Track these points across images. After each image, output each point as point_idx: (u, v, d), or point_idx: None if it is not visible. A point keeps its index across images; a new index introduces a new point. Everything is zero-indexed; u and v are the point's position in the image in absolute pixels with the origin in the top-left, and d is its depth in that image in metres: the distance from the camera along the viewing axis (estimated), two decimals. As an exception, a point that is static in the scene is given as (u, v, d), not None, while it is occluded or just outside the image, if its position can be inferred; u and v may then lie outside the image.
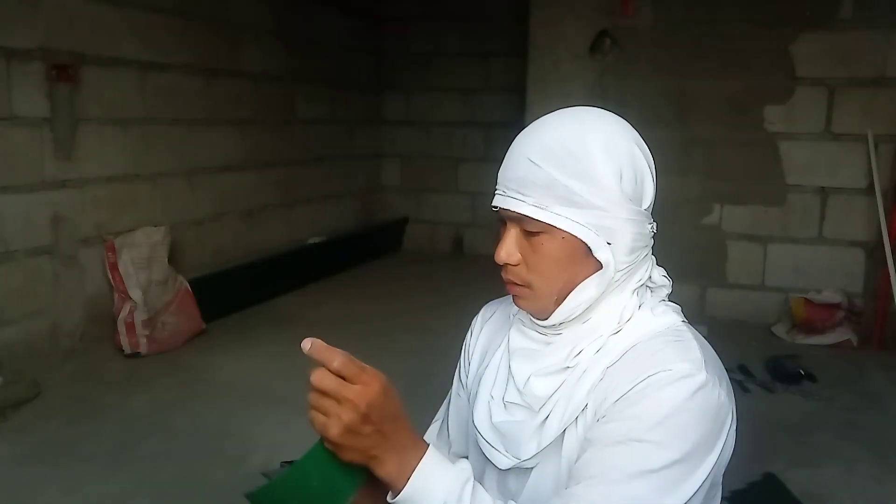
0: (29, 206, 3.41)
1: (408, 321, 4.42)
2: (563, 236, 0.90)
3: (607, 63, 4.53)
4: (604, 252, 0.91)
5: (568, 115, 0.94)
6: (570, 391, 0.92)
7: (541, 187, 0.89)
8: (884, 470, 2.68)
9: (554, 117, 0.94)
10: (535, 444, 0.94)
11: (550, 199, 0.89)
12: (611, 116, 0.96)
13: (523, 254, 0.93)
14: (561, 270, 0.92)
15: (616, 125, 0.95)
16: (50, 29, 3.44)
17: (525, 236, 0.93)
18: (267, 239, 5.19)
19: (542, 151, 0.90)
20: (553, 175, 0.89)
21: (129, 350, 3.67)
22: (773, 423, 3.07)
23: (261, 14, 5.03)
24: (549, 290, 0.93)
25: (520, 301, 0.97)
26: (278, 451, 2.64)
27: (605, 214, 0.90)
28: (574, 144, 0.90)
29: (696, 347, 0.91)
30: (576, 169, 0.89)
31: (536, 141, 0.91)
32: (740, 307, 4.50)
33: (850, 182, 4.26)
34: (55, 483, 2.46)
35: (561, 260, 0.92)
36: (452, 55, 6.46)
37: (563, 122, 0.93)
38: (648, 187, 0.98)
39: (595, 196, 0.89)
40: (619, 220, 0.92)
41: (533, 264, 0.93)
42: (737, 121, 4.41)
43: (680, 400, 0.85)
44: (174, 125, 4.27)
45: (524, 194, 0.90)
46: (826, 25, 4.19)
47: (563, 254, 0.91)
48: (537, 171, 0.89)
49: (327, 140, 5.99)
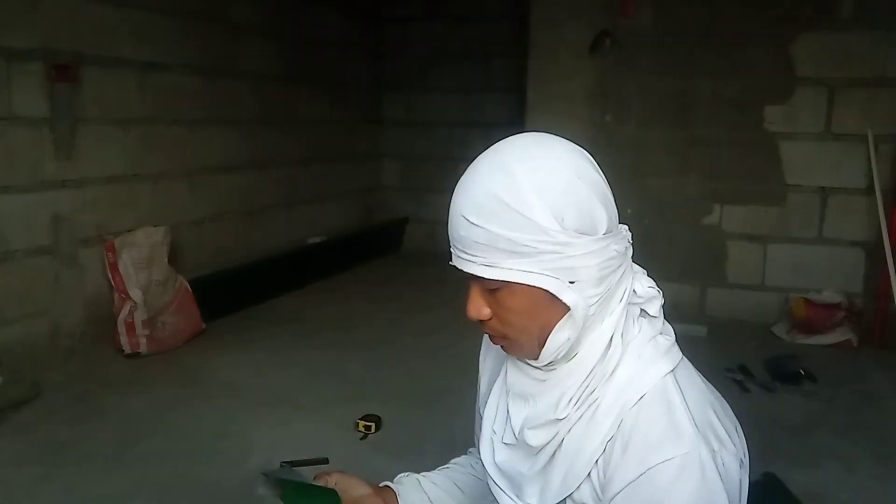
0: (29, 206, 3.41)
1: (407, 321, 4.42)
2: (522, 289, 0.87)
3: (607, 63, 4.53)
4: (568, 294, 0.87)
5: (495, 160, 0.89)
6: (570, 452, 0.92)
7: (485, 245, 0.86)
8: (884, 470, 2.68)
9: (482, 165, 0.90)
10: (537, 492, 0.95)
11: (498, 256, 0.86)
12: (542, 150, 0.91)
13: (491, 307, 0.91)
14: (531, 320, 0.89)
15: (548, 160, 0.89)
16: (50, 29, 3.44)
17: (488, 292, 0.90)
18: (267, 239, 5.19)
19: (476, 209, 0.86)
20: (493, 231, 0.85)
21: (129, 350, 3.67)
22: (773, 423, 3.07)
23: (261, 14, 5.03)
24: (527, 339, 0.91)
25: (507, 350, 0.96)
26: (278, 451, 2.64)
27: (558, 256, 0.85)
28: (505, 195, 0.85)
29: (685, 418, 0.87)
30: (513, 220, 0.84)
31: (468, 198, 0.88)
32: (740, 307, 4.50)
33: (850, 182, 4.26)
34: (55, 483, 2.46)
35: (528, 311, 0.89)
36: (452, 55, 6.46)
37: (491, 172, 0.88)
38: (599, 214, 0.90)
39: (542, 242, 0.85)
40: (576, 256, 0.86)
41: (503, 318, 0.91)
42: (737, 121, 4.41)
43: (694, 492, 0.83)
44: (174, 125, 4.27)
45: (471, 254, 0.87)
46: (826, 25, 4.19)
47: (528, 305, 0.88)
48: (476, 230, 0.86)
49: (327, 140, 5.99)
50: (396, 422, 2.93)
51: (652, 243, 4.65)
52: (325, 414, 3.02)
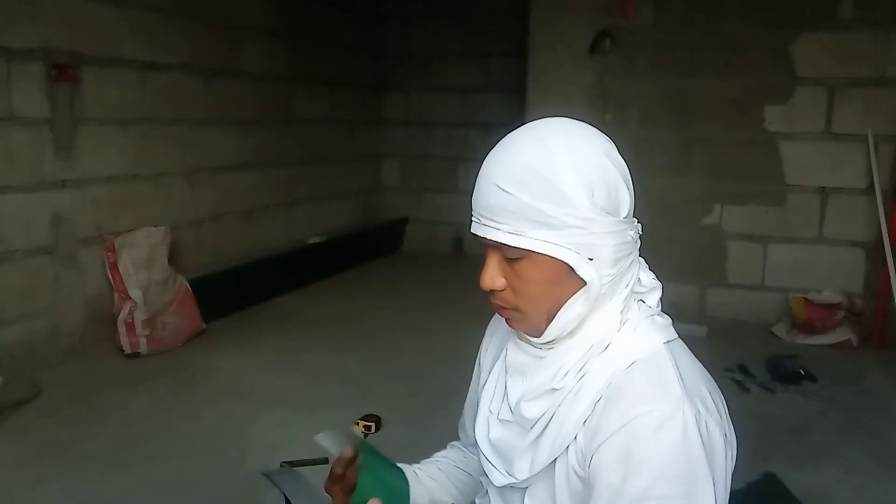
0: (29, 206, 3.41)
1: (407, 321, 4.42)
2: (544, 259, 0.90)
3: (607, 63, 4.53)
4: (586, 269, 0.90)
5: (531, 134, 0.93)
6: (560, 419, 0.94)
7: (514, 213, 0.88)
8: (884, 470, 2.68)
9: (517, 139, 0.93)
10: (527, 465, 0.97)
11: (525, 225, 0.88)
12: (576, 128, 0.95)
13: (507, 278, 0.94)
14: (546, 293, 0.92)
15: (582, 139, 0.93)
16: (50, 29, 3.44)
17: (507, 262, 0.93)
18: (267, 239, 5.19)
19: (510, 177, 0.89)
20: (524, 200, 0.88)
21: (129, 350, 3.67)
22: (773, 423, 3.07)
23: (261, 14, 5.03)
24: (537, 312, 0.94)
25: (512, 324, 0.99)
26: (278, 451, 2.64)
27: (582, 232, 0.89)
28: (541, 167, 0.88)
29: (674, 379, 0.90)
30: (546, 191, 0.87)
31: (503, 167, 0.90)
32: (740, 307, 4.50)
33: (850, 182, 4.26)
34: (55, 483, 2.46)
35: (545, 283, 0.91)
36: (452, 55, 6.46)
37: (527, 144, 0.91)
38: (624, 196, 0.94)
39: (570, 216, 0.88)
40: (598, 234, 0.90)
41: (518, 289, 0.93)
42: (737, 121, 4.41)
43: (672, 447, 0.85)
44: (174, 125, 4.27)
45: (499, 222, 0.90)
46: (826, 25, 4.19)
47: (546, 276, 0.91)
48: (507, 198, 0.88)
49: (327, 140, 5.99)
50: (396, 422, 2.93)
51: (652, 243, 4.62)
52: (325, 414, 3.02)
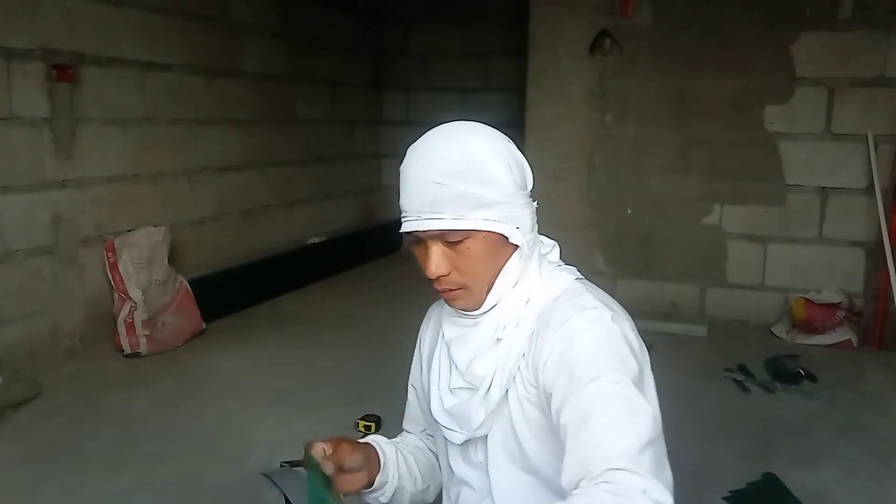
0: (29, 206, 3.41)
1: (407, 321, 4.39)
2: (483, 235, 1.05)
3: (607, 63, 4.53)
4: (517, 236, 1.07)
5: (446, 135, 1.09)
6: (503, 363, 1.07)
7: (454, 202, 1.03)
8: (884, 470, 2.68)
9: (436, 139, 1.08)
10: (482, 413, 1.09)
11: (465, 209, 1.03)
12: (476, 125, 1.11)
13: (450, 261, 1.07)
14: (488, 264, 1.08)
15: (485, 130, 1.10)
16: (50, 29, 3.44)
17: (448, 247, 1.06)
18: (267, 239, 5.19)
19: (443, 172, 1.03)
20: (460, 188, 1.03)
21: (129, 350, 3.67)
22: (773, 423, 3.07)
23: (261, 14, 5.03)
24: (481, 283, 1.08)
25: (456, 302, 1.11)
26: (278, 451, 2.64)
27: (509, 206, 1.06)
28: (467, 157, 1.04)
29: (590, 298, 1.08)
30: (477, 177, 1.03)
31: (433, 165, 1.05)
32: (740, 307, 4.50)
33: (850, 182, 4.26)
34: (55, 483, 2.46)
35: (487, 255, 1.07)
36: (452, 55, 6.46)
37: (447, 142, 1.07)
38: (528, 173, 1.13)
39: (499, 194, 1.05)
40: (519, 206, 1.08)
41: (463, 267, 1.07)
42: (737, 121, 4.41)
43: (600, 334, 1.01)
44: (174, 125, 4.27)
45: (441, 212, 1.04)
46: (826, 25, 4.18)
47: (488, 249, 1.07)
48: (446, 190, 1.03)
49: (327, 140, 5.99)
50: (396, 422, 2.92)
51: (652, 243, 4.65)
52: (325, 414, 3.02)
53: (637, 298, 4.67)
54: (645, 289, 4.66)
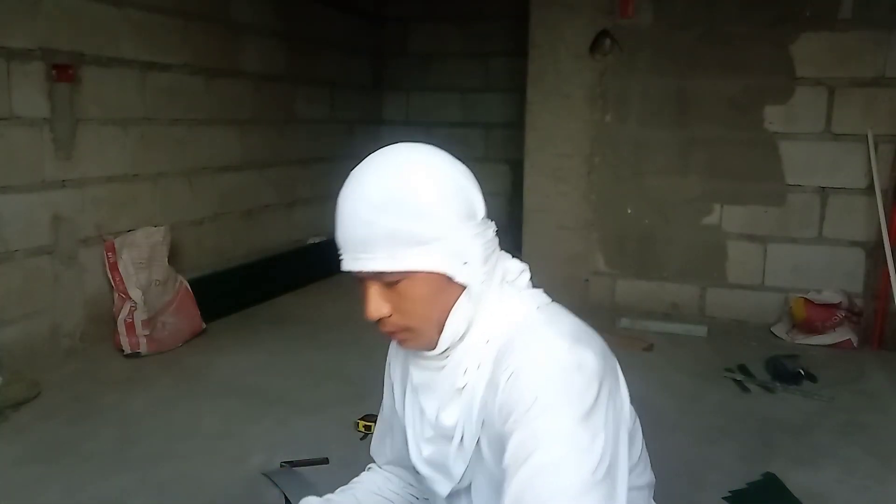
0: (29, 206, 3.41)
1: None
2: (423, 276, 0.95)
3: (607, 63, 4.53)
4: (463, 274, 0.96)
5: (379, 163, 0.99)
6: (468, 412, 1.00)
7: (385, 241, 0.93)
8: (884, 470, 2.68)
9: (367, 171, 0.99)
10: (461, 464, 1.03)
11: (398, 248, 0.93)
12: (418, 149, 1.01)
13: (391, 303, 0.98)
14: (433, 305, 0.97)
15: (426, 156, 1.00)
16: (50, 29, 3.44)
17: (387, 287, 0.97)
18: (267, 239, 5.19)
19: (373, 208, 0.93)
20: (391, 226, 0.92)
21: (129, 350, 3.67)
22: (773, 423, 3.07)
23: (261, 14, 5.03)
24: (428, 325, 0.99)
25: (406, 344, 1.04)
26: (278, 451, 2.65)
27: (450, 241, 0.95)
28: (398, 191, 0.93)
29: (545, 330, 0.97)
30: (409, 212, 0.93)
31: (362, 200, 0.95)
32: (740, 307, 4.50)
33: (850, 182, 4.26)
34: (55, 483, 2.46)
35: (429, 296, 0.96)
36: (452, 55, 6.46)
37: (379, 174, 0.97)
38: (477, 200, 1.01)
39: (435, 229, 0.94)
40: (465, 239, 0.96)
41: (405, 310, 0.97)
42: (737, 121, 4.41)
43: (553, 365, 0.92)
44: (174, 125, 4.27)
45: (373, 252, 0.94)
46: (826, 25, 4.18)
47: (429, 290, 0.96)
48: (376, 228, 0.93)
49: (327, 140, 5.99)
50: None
51: (652, 243, 4.65)
52: (325, 414, 3.02)
53: (637, 298, 4.67)
54: (645, 289, 4.67)
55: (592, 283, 4.77)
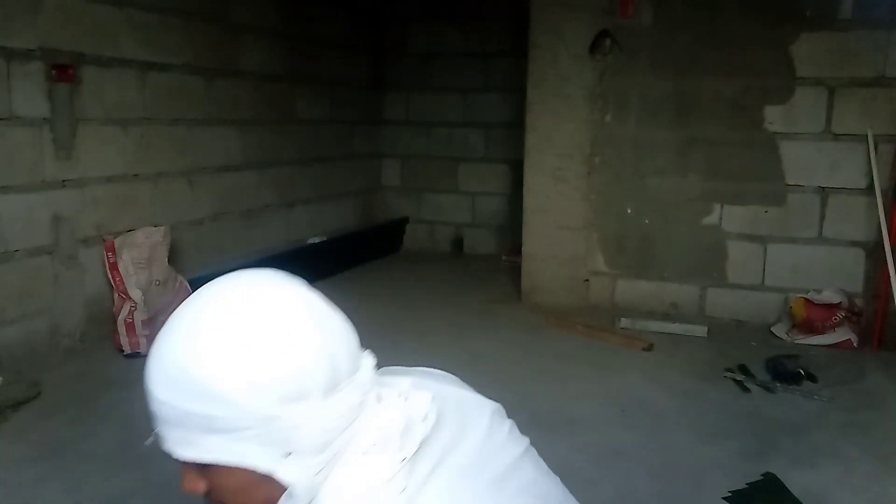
0: (29, 206, 3.41)
1: (407, 321, 4.42)
2: (229, 468, 0.74)
3: (607, 63, 4.53)
4: (284, 469, 0.73)
5: (187, 319, 0.77)
6: None
7: (178, 422, 0.74)
8: (884, 470, 2.68)
9: (175, 325, 0.77)
10: None
11: (194, 433, 0.73)
12: (240, 300, 0.78)
13: (209, 481, 0.79)
14: (249, 497, 0.76)
15: (244, 316, 0.75)
16: (50, 29, 3.44)
17: (199, 467, 0.77)
18: (267, 239, 5.19)
19: (164, 383, 0.74)
20: (183, 408, 0.73)
21: (129, 350, 3.67)
22: (773, 423, 3.07)
23: (261, 14, 5.03)
24: None
25: None
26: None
27: (265, 429, 0.72)
28: (191, 366, 0.72)
29: None
30: (202, 393, 0.72)
31: (156, 370, 0.76)
32: (740, 307, 4.50)
33: (850, 182, 4.26)
34: (55, 483, 2.46)
35: (241, 491, 0.76)
36: (452, 55, 6.46)
37: (180, 336, 0.75)
38: (314, 375, 0.76)
39: (242, 417, 0.72)
40: (289, 427, 0.73)
41: (221, 498, 0.78)
42: (737, 121, 4.41)
43: None
44: (174, 125, 4.28)
45: (168, 433, 0.76)
46: (826, 25, 4.18)
47: (240, 484, 0.75)
48: (165, 408, 0.75)
49: (327, 140, 5.99)
50: (396, 422, 2.92)
51: (652, 243, 4.65)
52: (325, 414, 3.02)
53: (637, 298, 4.68)
54: (645, 289, 4.67)
55: (592, 283, 4.77)
